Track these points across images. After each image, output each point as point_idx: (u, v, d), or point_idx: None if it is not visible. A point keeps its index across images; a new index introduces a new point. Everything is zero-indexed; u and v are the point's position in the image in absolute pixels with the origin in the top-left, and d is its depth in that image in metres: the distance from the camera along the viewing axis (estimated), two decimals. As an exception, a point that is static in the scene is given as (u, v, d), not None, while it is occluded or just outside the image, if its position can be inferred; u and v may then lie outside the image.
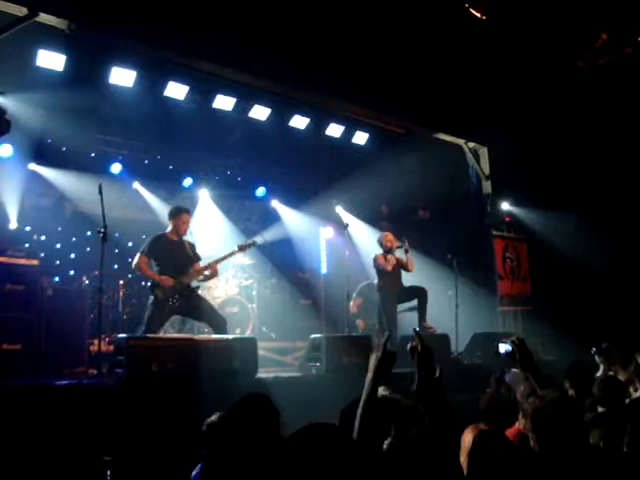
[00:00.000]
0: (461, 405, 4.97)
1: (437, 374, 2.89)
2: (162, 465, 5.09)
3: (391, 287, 9.41)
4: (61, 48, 7.99)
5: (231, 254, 8.26)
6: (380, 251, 9.61)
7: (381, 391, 3.61)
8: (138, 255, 7.53)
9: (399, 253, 9.58)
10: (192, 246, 7.91)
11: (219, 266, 8.10)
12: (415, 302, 9.40)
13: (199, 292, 7.85)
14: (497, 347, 3.71)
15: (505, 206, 12.22)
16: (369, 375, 3.09)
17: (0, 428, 4.94)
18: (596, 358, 6.28)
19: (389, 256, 9.51)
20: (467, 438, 2.76)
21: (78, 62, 8.22)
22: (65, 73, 8.17)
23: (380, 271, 9.47)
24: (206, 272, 7.82)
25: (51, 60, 8.03)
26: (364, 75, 9.58)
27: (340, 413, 3.27)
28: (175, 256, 7.62)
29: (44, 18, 7.46)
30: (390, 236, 9.63)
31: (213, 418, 3.83)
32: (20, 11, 7.21)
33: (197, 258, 7.89)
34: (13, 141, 8.97)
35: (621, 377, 5.50)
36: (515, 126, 10.80)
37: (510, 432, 3.82)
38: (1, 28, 7.16)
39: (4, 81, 7.36)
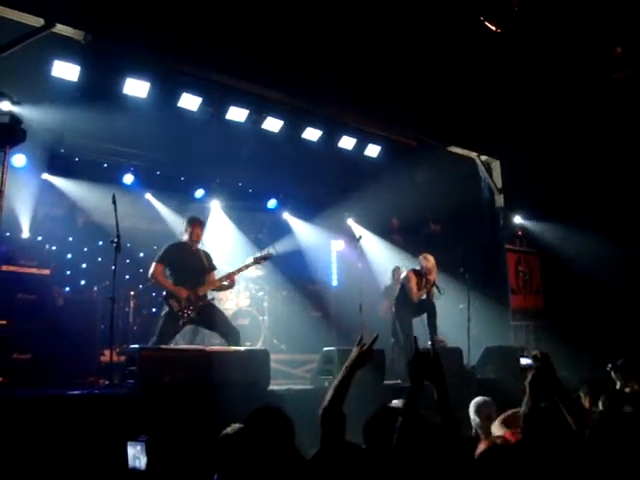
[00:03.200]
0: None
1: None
2: (174, 476, 5.04)
3: (407, 301, 9.36)
4: (76, 59, 8.02)
5: (247, 266, 8.22)
6: (416, 268, 9.53)
7: (398, 404, 3.58)
8: (154, 264, 7.45)
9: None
10: (208, 256, 7.86)
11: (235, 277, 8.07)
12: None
13: (213, 302, 7.79)
14: (519, 360, 3.65)
15: (517, 220, 12.18)
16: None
17: (12, 438, 4.91)
18: (612, 374, 6.22)
19: (422, 285, 9.35)
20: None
21: (93, 73, 8.25)
22: (80, 84, 8.20)
23: (405, 289, 9.39)
24: (224, 282, 7.78)
25: (66, 71, 8.06)
26: (377, 88, 9.59)
27: (365, 422, 3.25)
28: (190, 265, 7.56)
29: (60, 29, 7.52)
30: (432, 262, 9.40)
31: (228, 430, 3.78)
32: (37, 22, 7.27)
33: (213, 268, 7.84)
34: (27, 151, 8.98)
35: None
36: (527, 139, 10.79)
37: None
38: (18, 39, 7.22)
39: (19, 91, 7.38)
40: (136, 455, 4.27)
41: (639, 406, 4.05)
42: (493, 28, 7.89)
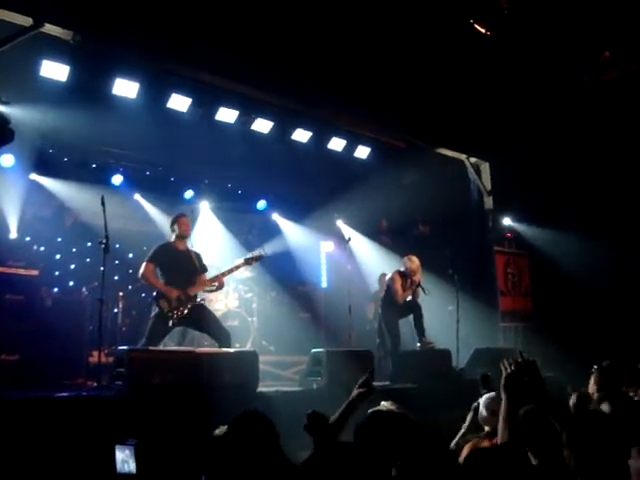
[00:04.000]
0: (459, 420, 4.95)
1: None
2: (163, 478, 5.03)
3: (395, 305, 9.39)
4: (65, 59, 7.99)
5: (238, 267, 8.22)
6: (400, 269, 9.55)
7: (388, 405, 3.59)
8: (144, 264, 7.46)
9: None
10: (199, 257, 7.86)
11: (225, 278, 8.07)
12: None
13: (204, 303, 7.78)
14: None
15: (506, 222, 12.22)
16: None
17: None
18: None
19: (407, 286, 9.42)
20: None
21: (82, 73, 8.22)
22: (68, 84, 8.17)
23: (391, 291, 9.42)
24: (213, 284, 7.77)
25: (55, 71, 8.03)
26: (366, 89, 9.60)
27: (355, 427, 3.25)
28: (181, 266, 7.57)
29: (49, 29, 7.44)
30: (417, 263, 9.49)
31: (216, 432, 3.77)
32: (25, 21, 7.21)
33: (204, 269, 7.84)
34: (15, 151, 8.93)
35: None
36: (517, 142, 10.83)
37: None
38: (6, 38, 7.16)
39: (8, 91, 7.34)
40: (124, 459, 4.25)
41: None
42: (483, 31, 7.92)
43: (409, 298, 9.51)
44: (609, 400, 4.11)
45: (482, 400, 4.71)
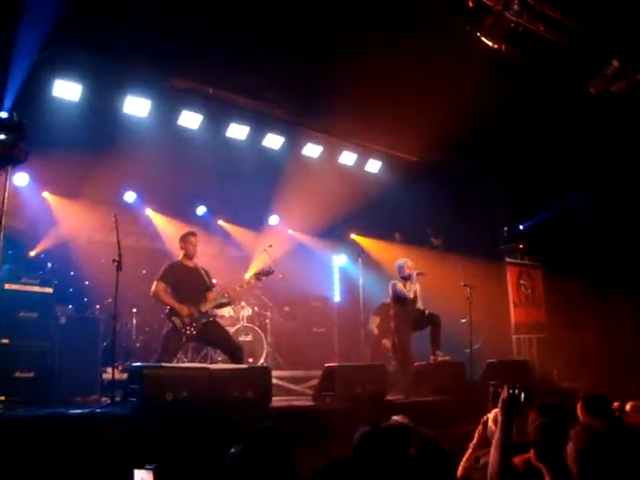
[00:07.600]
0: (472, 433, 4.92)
1: None
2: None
3: (406, 315, 9.33)
4: (77, 78, 8.10)
5: (248, 282, 8.22)
6: (398, 278, 9.54)
7: (399, 419, 3.59)
8: (155, 283, 7.50)
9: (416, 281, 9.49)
10: (208, 273, 7.90)
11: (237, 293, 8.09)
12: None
13: (216, 319, 7.79)
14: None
15: (519, 233, 12.18)
16: None
17: (13, 458, 4.89)
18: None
19: (408, 283, 9.40)
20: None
21: (93, 92, 8.33)
22: (81, 103, 8.28)
23: (398, 298, 9.39)
24: (224, 300, 7.78)
25: (67, 90, 8.15)
26: (378, 103, 9.60)
27: (357, 439, 3.24)
28: (192, 283, 7.60)
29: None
30: (410, 262, 9.52)
31: (233, 450, 3.76)
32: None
33: (213, 285, 7.87)
34: (28, 170, 9.04)
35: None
36: (528, 152, 10.79)
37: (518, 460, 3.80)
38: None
39: (21, 110, 7.41)
40: None
41: None
42: (490, 44, 7.91)
43: (427, 312, 9.43)
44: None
45: (491, 415, 4.70)
